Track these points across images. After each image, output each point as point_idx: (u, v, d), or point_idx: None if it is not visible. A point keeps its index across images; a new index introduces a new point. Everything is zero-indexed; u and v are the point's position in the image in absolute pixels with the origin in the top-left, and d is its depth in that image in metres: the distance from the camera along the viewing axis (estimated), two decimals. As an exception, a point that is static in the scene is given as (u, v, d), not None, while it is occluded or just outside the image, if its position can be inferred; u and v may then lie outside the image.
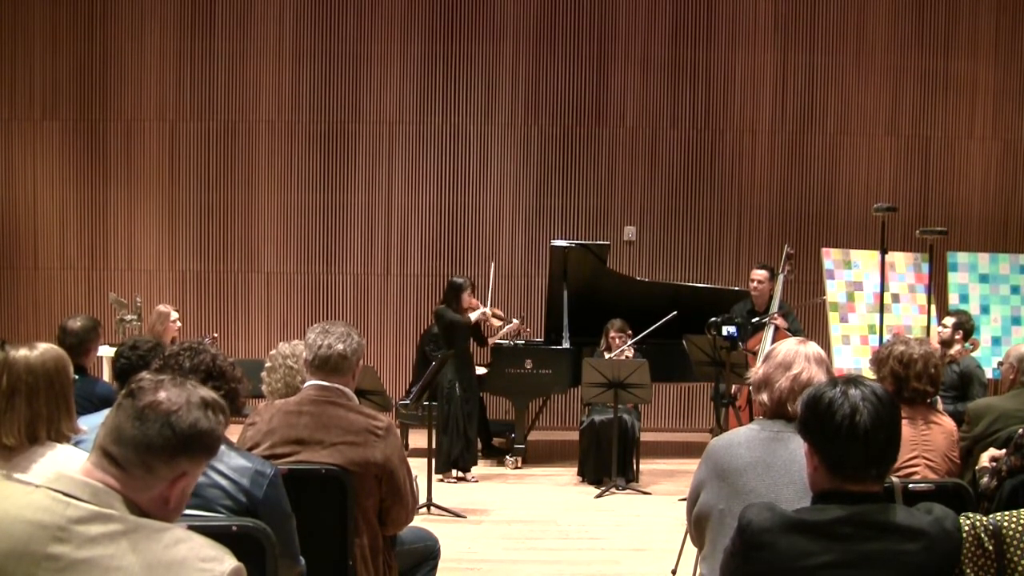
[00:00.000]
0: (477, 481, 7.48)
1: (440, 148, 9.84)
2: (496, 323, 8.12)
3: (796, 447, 2.51)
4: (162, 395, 1.73)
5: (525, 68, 9.82)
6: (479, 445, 8.09)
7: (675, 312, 7.75)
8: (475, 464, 7.63)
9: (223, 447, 2.69)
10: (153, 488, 1.71)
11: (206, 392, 1.81)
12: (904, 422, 3.60)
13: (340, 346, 3.26)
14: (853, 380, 2.14)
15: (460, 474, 7.48)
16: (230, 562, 1.69)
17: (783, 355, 2.80)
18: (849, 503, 2.07)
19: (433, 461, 6.80)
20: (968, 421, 4.44)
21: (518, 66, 9.83)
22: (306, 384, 3.35)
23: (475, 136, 9.86)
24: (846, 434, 2.06)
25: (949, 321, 6.59)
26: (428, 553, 3.81)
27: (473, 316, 7.64)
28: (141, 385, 1.75)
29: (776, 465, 2.59)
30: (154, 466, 1.70)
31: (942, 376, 3.83)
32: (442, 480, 7.27)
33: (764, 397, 2.79)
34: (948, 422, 3.76)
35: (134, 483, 1.69)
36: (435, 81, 9.81)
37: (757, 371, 2.87)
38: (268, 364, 3.69)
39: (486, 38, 9.79)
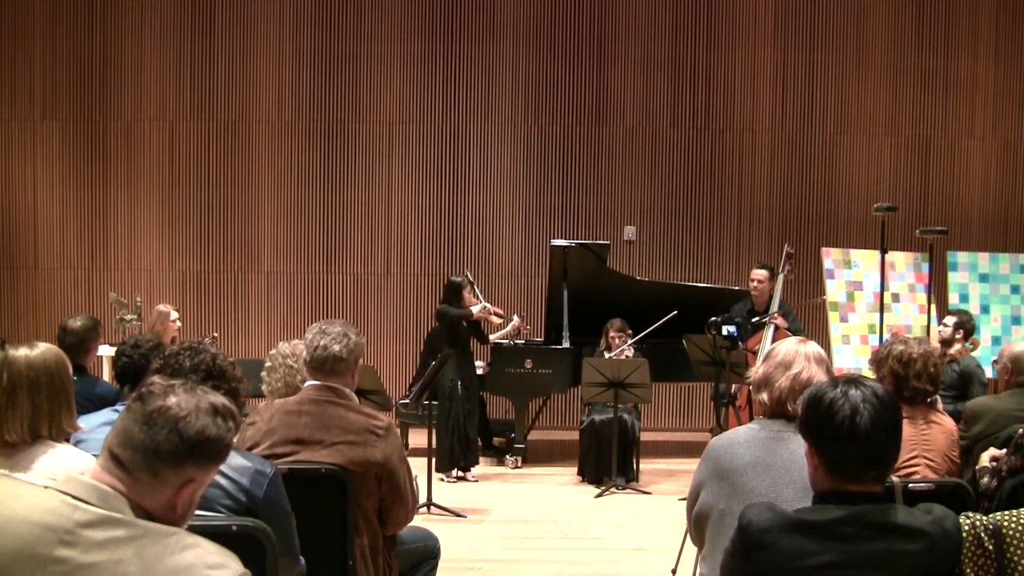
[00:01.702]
0: (477, 481, 7.49)
1: (440, 148, 9.85)
2: (496, 320, 8.10)
3: (796, 447, 2.51)
4: (171, 400, 1.72)
5: (525, 68, 9.83)
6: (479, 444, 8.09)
7: (675, 312, 7.75)
8: (476, 463, 7.63)
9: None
10: (160, 493, 1.70)
11: (216, 398, 1.78)
12: (904, 421, 3.61)
13: (336, 347, 3.25)
14: (854, 380, 2.14)
15: (460, 473, 7.48)
16: (236, 568, 1.69)
17: (783, 354, 2.80)
18: (850, 503, 2.07)
19: (433, 460, 6.81)
20: (966, 420, 4.44)
21: (518, 66, 9.83)
22: (306, 384, 3.35)
23: (475, 136, 9.86)
24: (846, 435, 2.06)
25: (950, 320, 6.59)
26: (428, 553, 3.81)
27: (475, 309, 7.64)
28: (151, 389, 1.74)
29: (776, 465, 2.59)
30: (160, 472, 1.69)
31: (942, 375, 3.82)
32: (443, 480, 7.28)
33: (764, 396, 2.79)
34: (948, 421, 3.76)
35: (140, 488, 1.68)
36: (435, 81, 9.81)
37: (757, 371, 2.87)
38: (268, 364, 3.68)
39: (486, 38, 9.79)
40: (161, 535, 1.65)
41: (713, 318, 6.81)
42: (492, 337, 8.19)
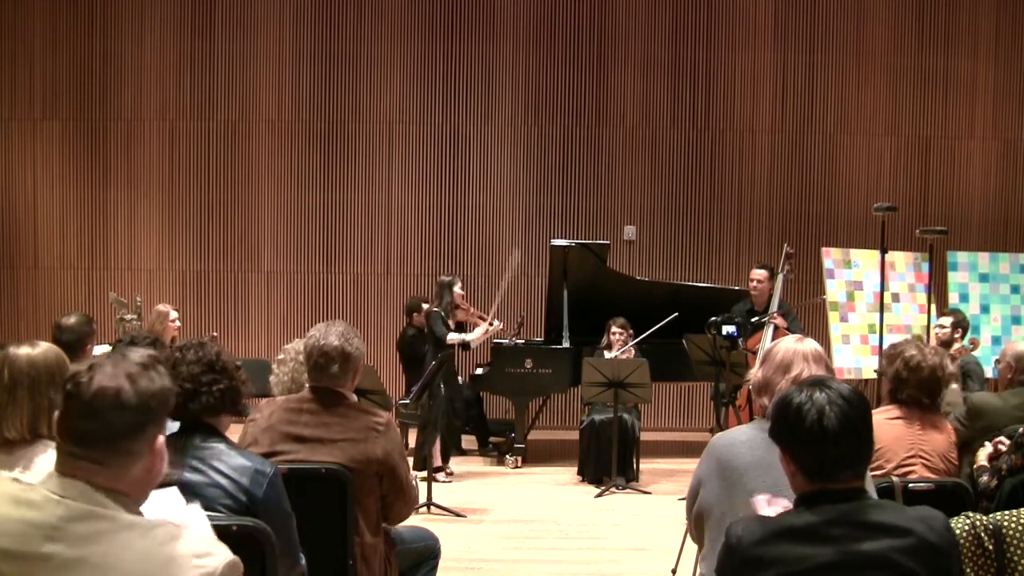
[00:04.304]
0: (452, 474, 7.49)
1: (440, 148, 9.85)
2: (478, 322, 8.04)
3: None
4: (101, 381, 1.68)
5: (525, 68, 9.83)
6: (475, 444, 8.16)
7: (676, 314, 7.73)
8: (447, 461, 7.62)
9: (223, 446, 2.70)
10: (137, 466, 1.70)
11: (137, 355, 1.76)
12: (900, 422, 3.64)
13: (334, 368, 3.25)
14: (819, 383, 2.13)
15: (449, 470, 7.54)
16: (224, 556, 1.69)
17: (781, 356, 2.82)
18: (832, 502, 2.06)
19: (427, 459, 6.81)
20: (970, 415, 4.45)
21: (518, 66, 9.83)
22: (307, 385, 3.36)
23: (475, 136, 9.86)
24: (816, 438, 2.05)
25: (947, 321, 6.62)
26: (429, 553, 3.81)
27: (450, 337, 7.61)
28: (77, 380, 1.69)
29: (777, 464, 2.59)
30: (129, 448, 1.68)
31: (942, 390, 3.83)
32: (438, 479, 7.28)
33: (765, 400, 2.80)
34: (945, 424, 3.77)
35: (118, 472, 1.68)
36: (435, 81, 9.82)
37: (756, 374, 2.88)
38: (280, 356, 3.75)
39: (486, 38, 9.79)
40: (147, 527, 1.66)
41: (713, 318, 6.81)
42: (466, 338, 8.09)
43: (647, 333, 7.71)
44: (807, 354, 2.81)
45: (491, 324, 7.89)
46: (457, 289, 7.76)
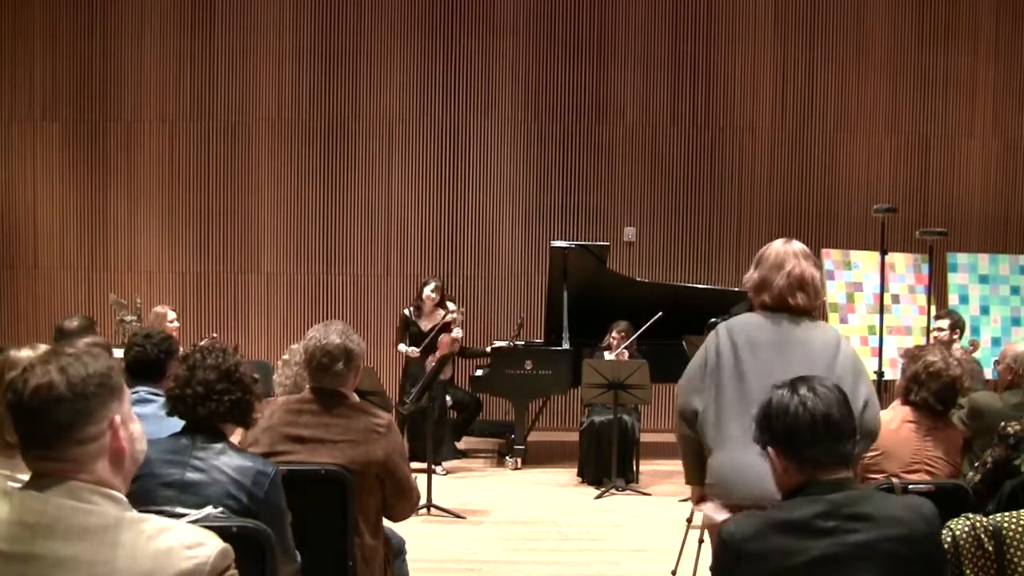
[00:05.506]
0: (446, 473, 7.54)
1: (440, 146, 9.85)
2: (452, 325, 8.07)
3: (805, 328, 2.93)
4: (33, 380, 1.65)
5: (525, 65, 9.83)
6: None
7: (660, 313, 7.71)
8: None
9: (223, 445, 2.70)
10: (98, 451, 1.67)
11: (72, 347, 1.74)
12: (910, 426, 3.63)
13: (338, 366, 3.26)
14: (800, 379, 2.20)
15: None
16: (215, 544, 1.69)
17: (774, 257, 3.07)
18: (825, 493, 2.10)
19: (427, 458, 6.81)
20: (971, 415, 4.45)
21: (518, 63, 9.83)
22: (308, 386, 3.36)
23: (475, 134, 9.86)
24: (804, 424, 2.11)
25: (944, 323, 6.62)
26: (400, 547, 3.81)
27: (401, 348, 8.03)
28: (14, 387, 1.66)
29: (790, 342, 2.91)
30: (82, 436, 1.66)
31: (956, 401, 3.85)
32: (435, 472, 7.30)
33: (765, 297, 3.03)
34: (954, 429, 3.77)
35: (84, 463, 1.66)
36: (435, 79, 9.82)
37: (753, 275, 3.10)
38: (285, 357, 3.78)
39: (486, 36, 9.79)
40: (135, 522, 1.66)
41: (713, 319, 6.79)
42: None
43: (635, 335, 7.68)
44: (796, 252, 3.08)
45: (449, 316, 8.03)
46: (427, 291, 8.00)
